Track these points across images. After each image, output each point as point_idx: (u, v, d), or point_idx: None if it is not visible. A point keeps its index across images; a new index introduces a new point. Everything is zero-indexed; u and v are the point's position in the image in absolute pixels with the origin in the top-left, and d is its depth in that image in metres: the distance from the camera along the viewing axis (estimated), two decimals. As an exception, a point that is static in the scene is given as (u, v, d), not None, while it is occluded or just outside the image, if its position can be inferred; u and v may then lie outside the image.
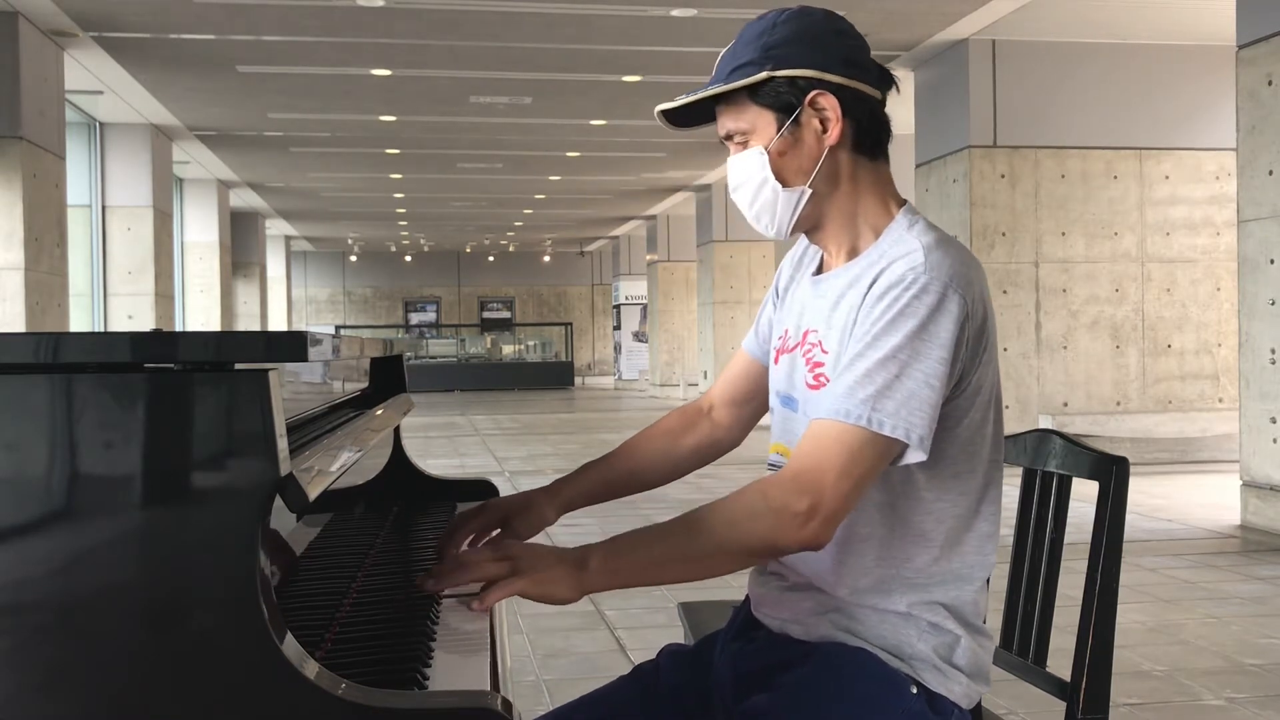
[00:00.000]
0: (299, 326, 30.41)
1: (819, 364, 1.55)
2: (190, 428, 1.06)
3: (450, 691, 1.17)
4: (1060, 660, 1.73)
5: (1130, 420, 9.90)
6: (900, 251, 1.50)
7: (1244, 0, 6.98)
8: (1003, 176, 9.99)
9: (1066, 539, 1.81)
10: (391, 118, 13.24)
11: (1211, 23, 9.32)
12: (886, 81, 1.59)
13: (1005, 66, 9.98)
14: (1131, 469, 1.69)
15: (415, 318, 33.77)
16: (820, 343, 1.56)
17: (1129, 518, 1.92)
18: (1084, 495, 1.69)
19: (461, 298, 34.38)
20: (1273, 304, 6.68)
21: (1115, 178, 10.17)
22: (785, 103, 1.53)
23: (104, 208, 12.68)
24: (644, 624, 4.63)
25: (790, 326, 1.66)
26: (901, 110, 11.95)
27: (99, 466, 1.06)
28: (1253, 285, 6.84)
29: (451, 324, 32.81)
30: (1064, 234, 10.09)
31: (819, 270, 1.66)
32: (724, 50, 1.59)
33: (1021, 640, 1.83)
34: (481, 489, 2.26)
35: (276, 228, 24.55)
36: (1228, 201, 9.80)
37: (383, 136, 14.49)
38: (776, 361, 1.69)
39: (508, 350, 29.97)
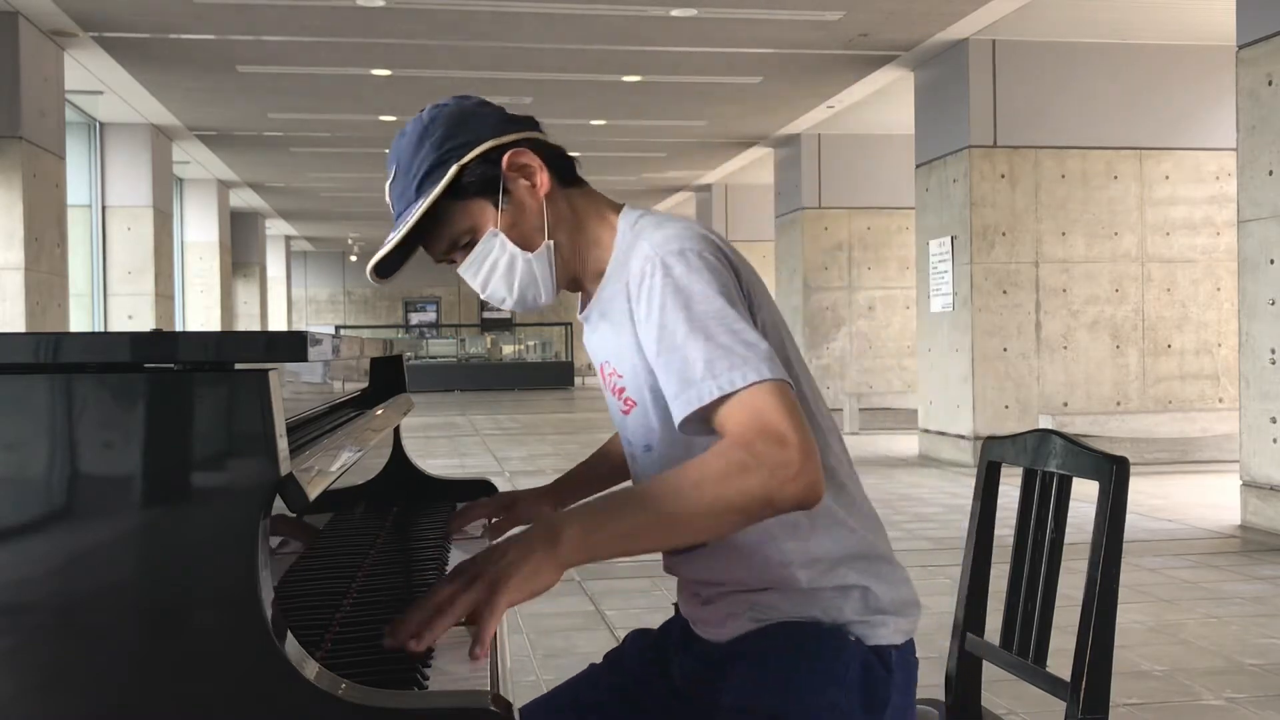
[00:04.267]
0: (299, 326, 30.43)
1: (621, 389, 1.58)
2: (190, 428, 1.06)
3: (450, 692, 1.17)
4: (1060, 660, 1.73)
5: (1130, 420, 9.90)
6: (632, 252, 1.52)
7: (1244, 0, 6.98)
8: (1003, 176, 9.99)
9: (1066, 539, 1.81)
10: (391, 118, 13.23)
11: (1211, 23, 9.32)
12: (535, 125, 1.61)
13: (1005, 66, 9.98)
14: (1131, 469, 1.69)
15: (415, 318, 33.76)
16: (615, 370, 1.59)
17: (1129, 518, 1.92)
18: (1084, 495, 1.69)
19: (461, 298, 34.38)
20: (1273, 304, 6.67)
21: (1115, 178, 10.17)
22: (488, 180, 1.53)
23: (104, 208, 12.69)
24: (644, 624, 4.62)
25: (603, 373, 1.67)
26: (901, 110, 11.96)
27: (99, 466, 1.06)
28: (1253, 285, 6.84)
29: (451, 324, 32.80)
30: (1064, 234, 10.09)
31: (583, 308, 1.67)
32: (389, 184, 1.57)
33: (1021, 640, 1.83)
34: (482, 489, 2.26)
35: (276, 228, 24.56)
36: (1228, 201, 9.80)
37: (383, 136, 14.48)
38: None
39: (508, 350, 29.95)
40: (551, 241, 1.56)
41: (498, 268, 1.56)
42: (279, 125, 13.56)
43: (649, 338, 1.45)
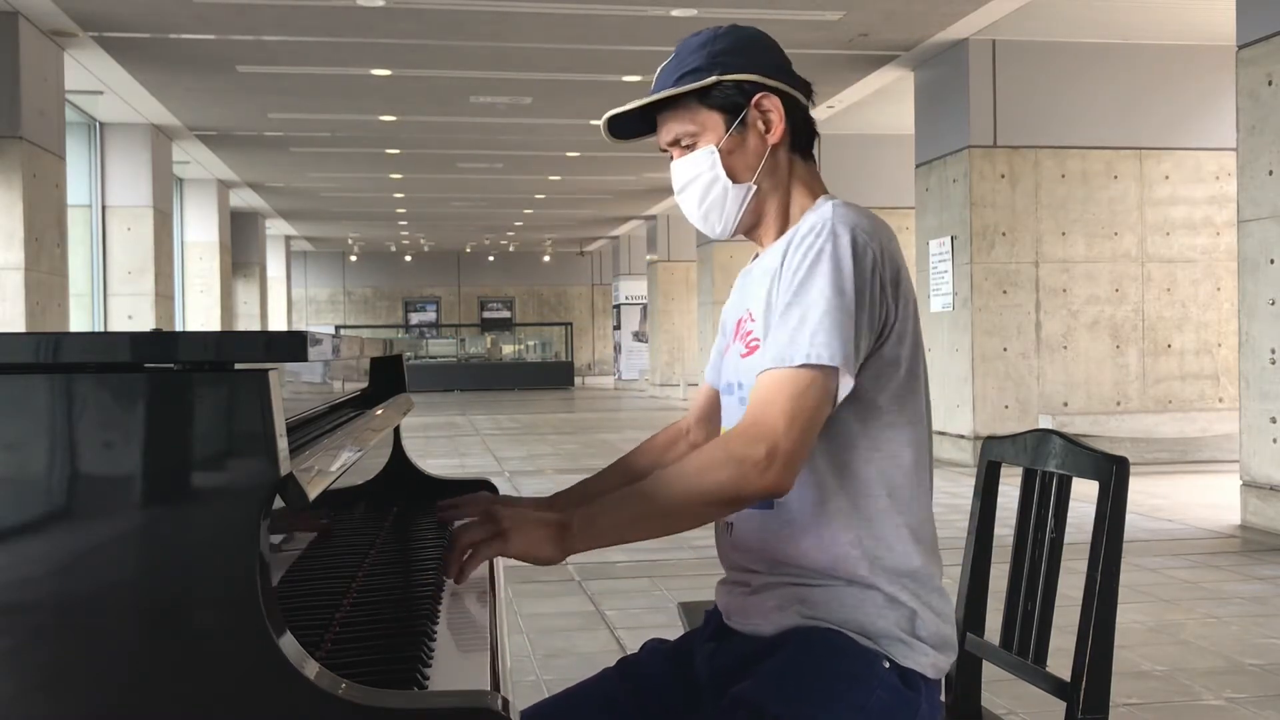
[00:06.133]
0: (299, 326, 30.41)
1: (749, 333, 1.66)
2: (190, 428, 1.06)
3: (450, 691, 1.17)
4: (1060, 660, 1.73)
5: (1130, 420, 9.90)
6: (813, 216, 1.63)
7: (1244, 0, 6.98)
8: (1003, 176, 9.99)
9: (1066, 539, 1.81)
10: (391, 118, 13.23)
11: (1211, 23, 9.32)
12: (809, 92, 1.74)
13: (1005, 66, 9.98)
14: (1131, 469, 1.69)
15: (415, 318, 33.76)
16: (751, 314, 1.67)
17: (1129, 518, 1.92)
18: (1084, 495, 1.69)
19: (461, 298, 34.37)
20: (1273, 304, 6.67)
21: (1115, 178, 10.17)
22: (733, 104, 1.66)
23: (104, 208, 12.68)
24: (644, 624, 4.63)
25: (732, 326, 1.78)
26: (901, 110, 11.96)
27: (99, 466, 1.06)
28: (1253, 285, 6.84)
29: (451, 324, 32.81)
30: (1064, 234, 10.09)
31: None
32: (663, 63, 1.71)
33: (1021, 640, 1.83)
34: (481, 489, 2.26)
35: (276, 228, 24.55)
36: (1228, 201, 9.80)
37: (383, 136, 14.48)
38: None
39: (508, 350, 29.96)
40: (754, 185, 1.68)
41: (699, 180, 1.68)
42: (279, 125, 13.56)
43: (788, 283, 1.55)
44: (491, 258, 33.90)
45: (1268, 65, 6.70)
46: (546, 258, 33.58)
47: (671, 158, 1.73)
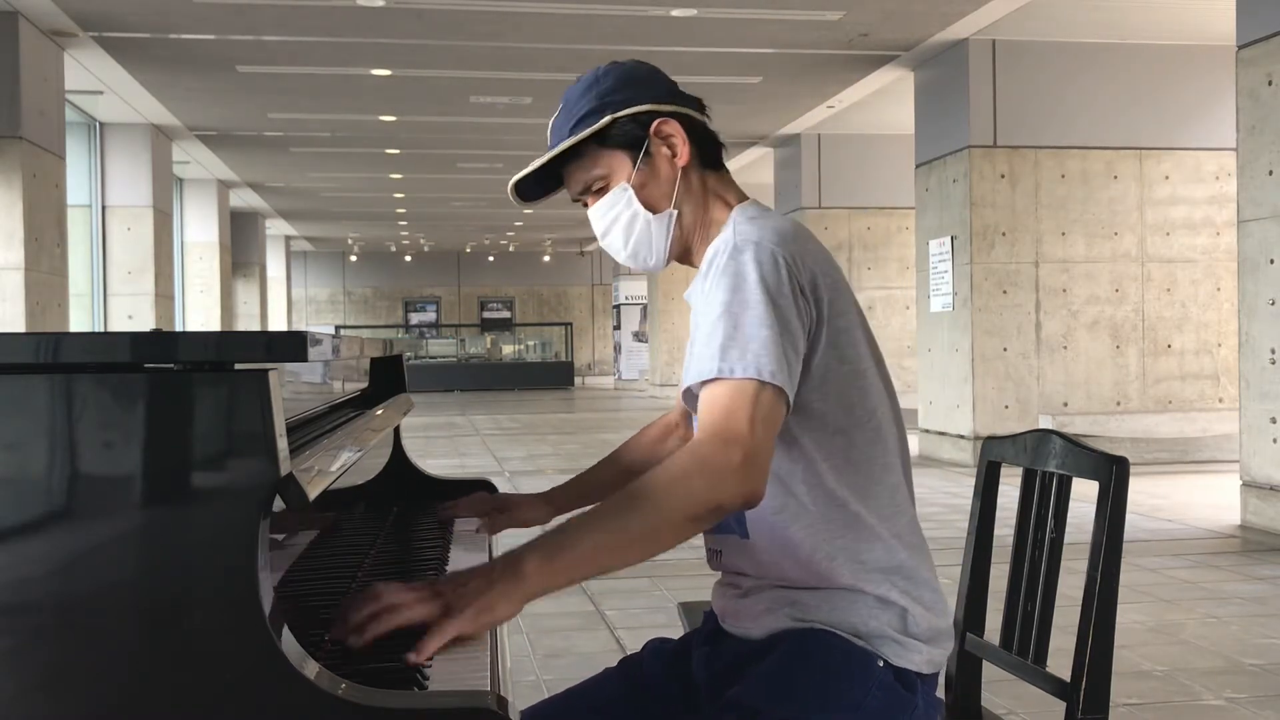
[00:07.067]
0: (299, 326, 30.41)
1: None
2: (190, 428, 1.06)
3: (449, 691, 1.17)
4: (1060, 660, 1.73)
5: (1130, 420, 9.90)
6: (720, 237, 1.62)
7: (1244, 0, 6.98)
8: (1003, 176, 9.99)
9: (1066, 539, 1.81)
10: (391, 118, 13.23)
11: (1211, 23, 9.32)
12: (702, 107, 1.74)
13: (1005, 66, 9.98)
14: (1131, 469, 1.69)
15: (415, 318, 33.76)
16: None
17: (1129, 518, 1.92)
18: (1084, 495, 1.69)
19: (461, 298, 34.37)
20: (1273, 304, 6.67)
21: (1115, 178, 10.17)
22: (633, 138, 1.65)
23: (104, 208, 12.69)
24: (644, 624, 4.63)
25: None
26: (901, 110, 11.96)
27: (99, 466, 1.06)
28: (1253, 285, 6.84)
29: (451, 324, 32.80)
30: (1064, 234, 10.09)
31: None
32: (553, 119, 1.70)
33: (1021, 640, 1.83)
34: (481, 489, 2.26)
35: (276, 228, 24.55)
36: (1228, 201, 9.80)
37: (383, 136, 14.48)
38: None
39: (508, 350, 29.94)
40: (675, 211, 1.67)
41: (620, 220, 1.67)
42: (279, 125, 13.56)
43: (700, 308, 1.55)
44: (491, 258, 33.90)
45: (1268, 65, 6.70)
46: (546, 258, 33.58)
47: (586, 206, 1.71)
